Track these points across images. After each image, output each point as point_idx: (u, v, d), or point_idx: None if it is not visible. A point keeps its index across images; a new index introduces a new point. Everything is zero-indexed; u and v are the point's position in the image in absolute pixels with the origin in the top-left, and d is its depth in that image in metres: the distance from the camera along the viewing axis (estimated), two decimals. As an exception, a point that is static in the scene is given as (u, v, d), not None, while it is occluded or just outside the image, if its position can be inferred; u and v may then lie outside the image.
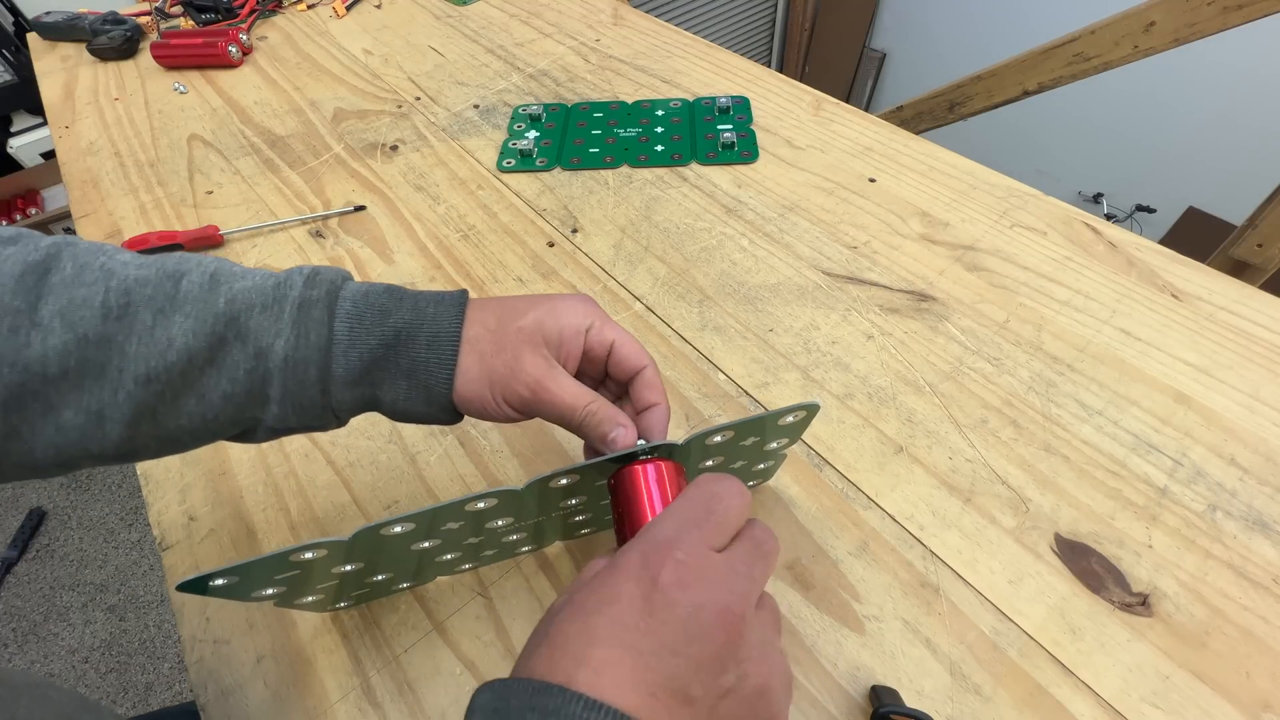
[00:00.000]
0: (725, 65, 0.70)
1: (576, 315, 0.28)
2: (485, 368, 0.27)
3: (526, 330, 0.27)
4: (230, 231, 0.56)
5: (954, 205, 0.52)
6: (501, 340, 0.27)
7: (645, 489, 0.26)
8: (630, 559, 0.20)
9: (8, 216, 1.75)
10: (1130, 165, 1.92)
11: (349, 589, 0.31)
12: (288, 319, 0.26)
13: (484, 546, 0.31)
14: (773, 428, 0.28)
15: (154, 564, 1.37)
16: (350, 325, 0.27)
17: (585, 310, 0.29)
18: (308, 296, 0.26)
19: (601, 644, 0.18)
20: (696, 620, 0.19)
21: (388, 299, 0.28)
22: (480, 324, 0.28)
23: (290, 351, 0.26)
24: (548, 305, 0.28)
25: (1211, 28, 0.85)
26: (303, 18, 0.88)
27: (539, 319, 0.28)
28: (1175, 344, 0.41)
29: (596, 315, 0.29)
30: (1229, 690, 0.29)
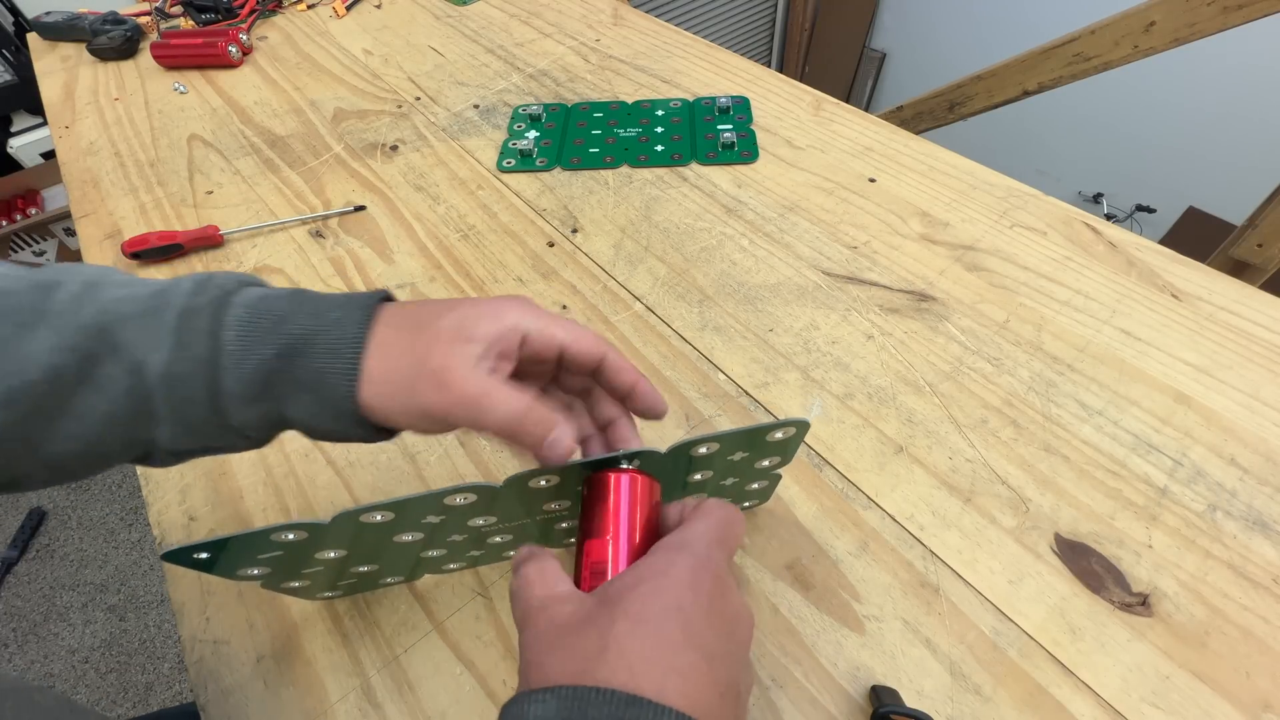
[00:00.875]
0: (725, 65, 0.70)
1: (510, 316, 0.25)
2: (396, 373, 0.24)
3: (446, 331, 0.24)
4: (230, 231, 0.56)
5: (954, 205, 0.52)
6: (416, 343, 0.24)
7: (616, 497, 0.25)
8: (680, 568, 0.21)
9: (8, 216, 1.75)
10: (1130, 165, 1.92)
11: (336, 577, 0.31)
12: (167, 329, 0.23)
13: (470, 546, 0.31)
14: (760, 443, 0.27)
15: (154, 564, 1.37)
16: (241, 334, 0.24)
17: (521, 311, 0.26)
18: (192, 304, 0.24)
19: (683, 650, 0.19)
20: (739, 625, 0.21)
21: (287, 304, 0.25)
22: (393, 327, 0.25)
23: (170, 366, 0.23)
24: (475, 306, 0.25)
25: (1211, 28, 0.85)
26: (303, 18, 0.88)
27: (462, 318, 0.24)
28: (1175, 344, 0.41)
29: (535, 315, 0.26)
30: (1229, 690, 0.29)
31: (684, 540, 0.22)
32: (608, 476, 0.25)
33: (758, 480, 0.32)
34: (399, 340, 0.24)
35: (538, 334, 0.26)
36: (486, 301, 0.26)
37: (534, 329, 0.26)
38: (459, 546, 0.31)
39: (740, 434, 0.26)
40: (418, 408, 0.24)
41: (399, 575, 0.33)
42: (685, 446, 0.26)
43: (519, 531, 0.31)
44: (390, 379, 0.24)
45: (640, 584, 0.20)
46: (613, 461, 0.25)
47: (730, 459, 0.28)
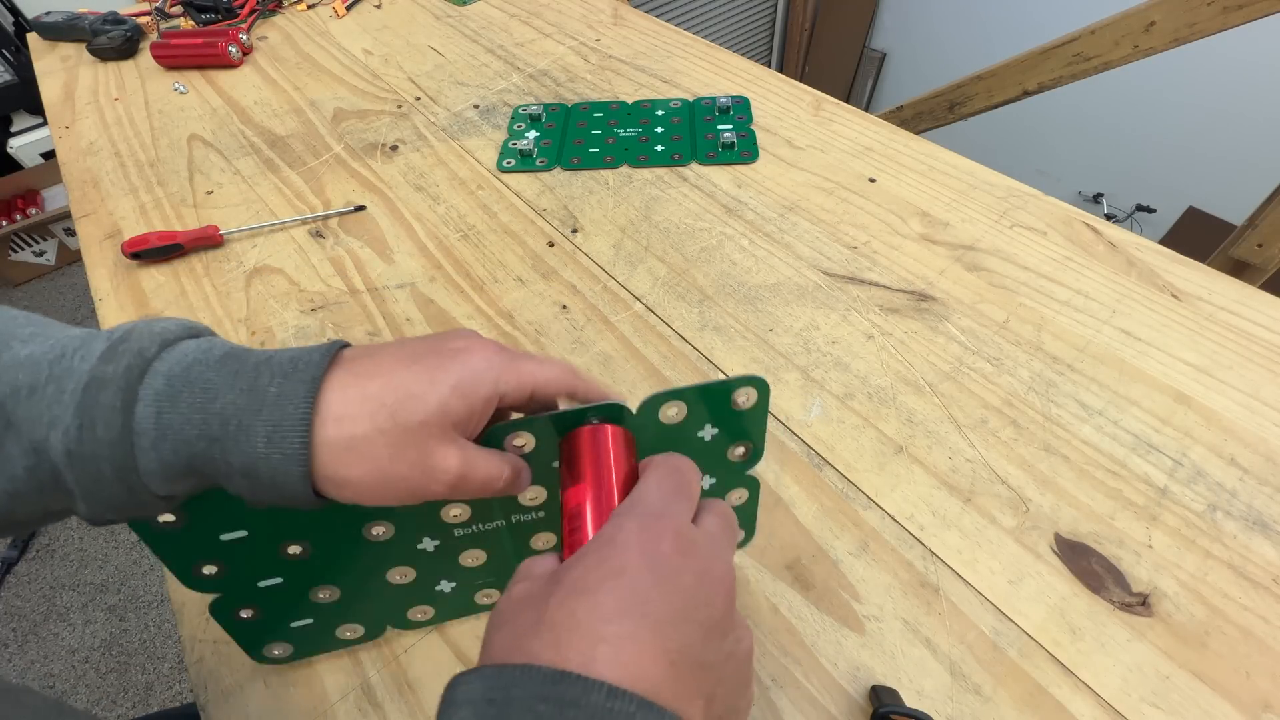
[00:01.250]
0: (725, 65, 0.70)
1: (486, 383, 0.23)
2: (379, 473, 0.22)
3: (432, 424, 0.22)
4: (230, 231, 0.56)
5: (954, 205, 0.52)
6: (404, 441, 0.22)
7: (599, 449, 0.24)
8: (627, 532, 0.19)
9: (8, 216, 1.75)
10: (1130, 165, 1.92)
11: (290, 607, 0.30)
12: (67, 404, 0.20)
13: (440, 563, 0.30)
14: (725, 410, 0.27)
15: (154, 564, 1.37)
16: (158, 411, 0.20)
17: (494, 371, 0.23)
18: (100, 374, 0.20)
19: (617, 618, 0.17)
20: (702, 586, 0.19)
21: (218, 373, 0.21)
22: (365, 415, 0.21)
23: (73, 446, 0.20)
24: (450, 380, 0.22)
25: (1211, 28, 0.85)
26: (303, 18, 0.88)
27: (444, 404, 0.22)
28: (1175, 344, 0.41)
29: (505, 369, 0.24)
30: (1229, 690, 0.29)
31: (633, 501, 0.21)
32: (578, 432, 0.25)
33: (736, 488, 0.31)
34: (378, 439, 0.21)
35: (514, 391, 0.24)
36: (457, 362, 0.23)
37: (510, 386, 0.24)
38: (428, 567, 0.29)
39: (700, 390, 0.26)
40: (387, 489, 0.22)
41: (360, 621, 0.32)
42: (654, 402, 0.25)
43: (493, 546, 0.30)
44: (373, 478, 0.22)
45: (585, 554, 0.19)
46: (581, 417, 0.25)
47: (701, 437, 0.27)
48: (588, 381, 0.26)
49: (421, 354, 0.23)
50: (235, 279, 0.53)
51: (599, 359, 0.44)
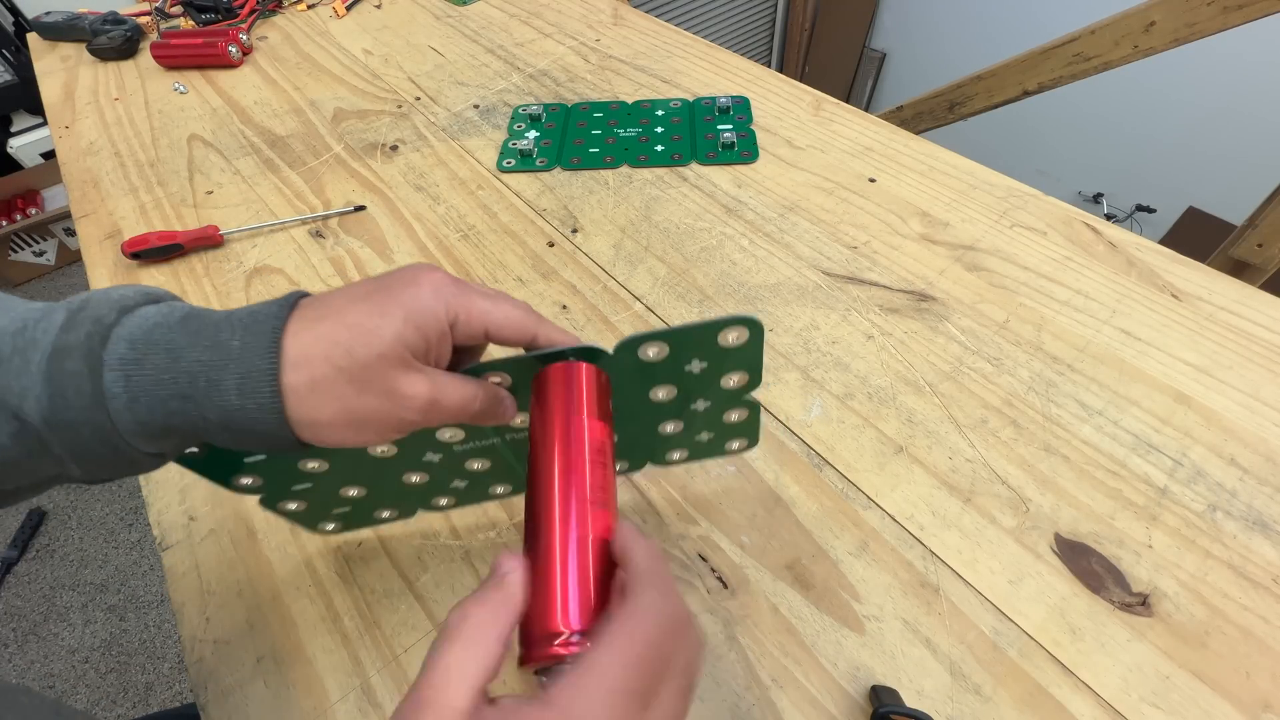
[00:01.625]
0: (725, 65, 0.70)
1: (436, 314, 0.23)
2: (348, 411, 0.22)
3: (391, 356, 0.22)
4: (230, 231, 0.56)
5: (954, 205, 0.52)
6: (364, 377, 0.22)
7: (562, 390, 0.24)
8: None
9: (8, 216, 1.75)
10: (1130, 165, 1.92)
11: (329, 502, 0.32)
12: (35, 375, 0.20)
13: (451, 473, 0.31)
14: (713, 347, 0.26)
15: (154, 564, 1.37)
16: (126, 375, 0.21)
17: (442, 299, 0.23)
18: (63, 343, 0.21)
19: None
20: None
21: (180, 333, 0.21)
22: (320, 356, 0.22)
23: (50, 414, 0.20)
24: (400, 312, 0.23)
25: (1211, 28, 0.85)
26: (303, 18, 0.88)
27: (399, 336, 0.22)
28: (1175, 344, 0.41)
29: (454, 297, 0.24)
30: (1229, 690, 0.29)
31: (569, 705, 0.18)
32: (549, 370, 0.25)
33: (734, 408, 0.31)
34: (337, 376, 0.22)
35: (464, 324, 0.24)
36: (405, 293, 0.23)
37: (460, 318, 0.24)
38: (439, 471, 0.31)
39: (687, 330, 0.25)
40: (387, 430, 0.23)
41: (392, 508, 0.34)
42: (632, 343, 0.25)
43: (494, 456, 0.31)
44: (342, 417, 0.22)
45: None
46: (560, 356, 0.25)
47: (689, 370, 0.27)
48: (548, 326, 0.26)
49: (372, 291, 0.23)
50: (235, 279, 0.53)
51: (599, 359, 0.44)
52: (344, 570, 0.36)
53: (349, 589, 0.35)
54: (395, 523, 0.36)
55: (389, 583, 0.35)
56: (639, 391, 0.28)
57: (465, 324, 0.24)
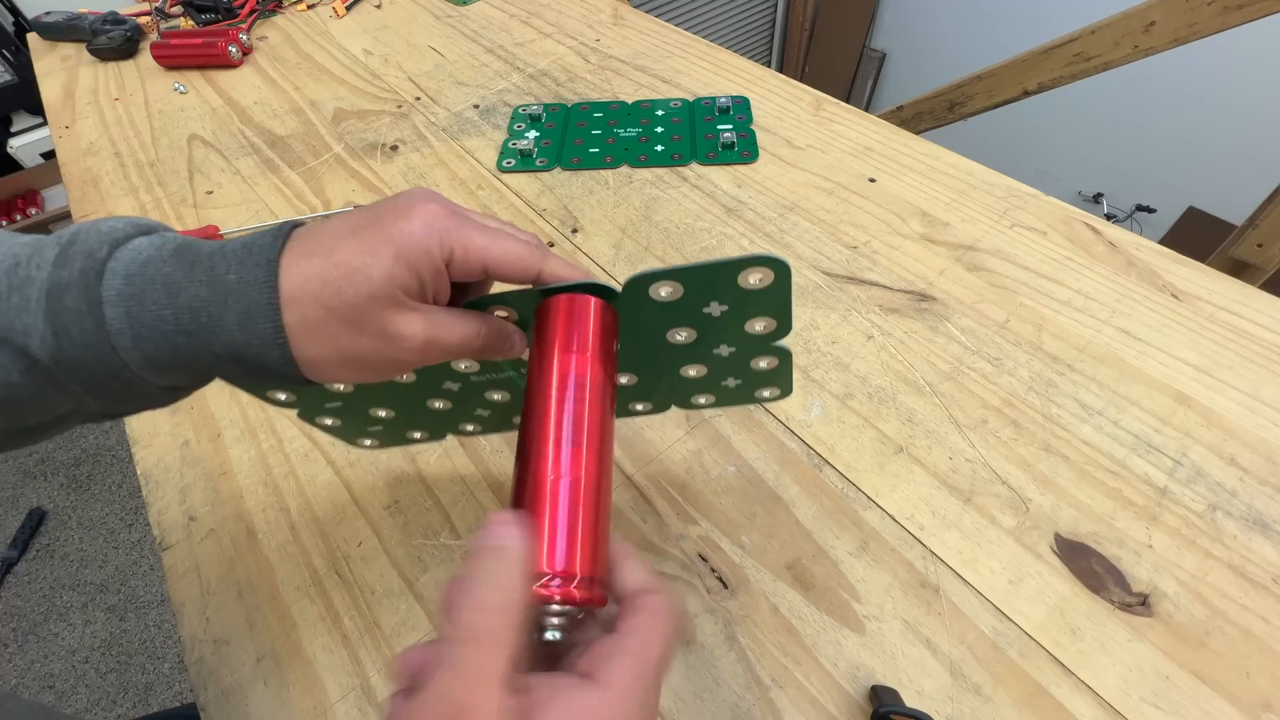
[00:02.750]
0: (725, 65, 0.70)
1: (429, 251, 0.22)
2: (342, 352, 0.22)
3: (382, 297, 0.21)
4: (230, 231, 0.56)
5: (954, 205, 0.52)
6: (356, 318, 0.21)
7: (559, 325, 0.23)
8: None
9: (8, 216, 1.75)
10: (1130, 165, 1.92)
11: (361, 420, 0.32)
12: (36, 310, 0.20)
13: (473, 401, 0.31)
14: (733, 288, 0.24)
15: (154, 564, 1.37)
16: (128, 310, 0.20)
17: (435, 234, 0.22)
18: (58, 279, 0.20)
19: None
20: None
21: (175, 267, 0.21)
22: (310, 296, 0.21)
23: (55, 351, 0.20)
24: (390, 250, 0.21)
25: (1211, 28, 0.85)
26: (303, 18, 0.88)
27: (389, 275, 0.21)
28: (1175, 344, 0.41)
29: (450, 232, 0.22)
30: (1229, 690, 0.29)
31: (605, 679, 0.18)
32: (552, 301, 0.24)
33: (763, 356, 0.28)
34: (330, 318, 0.21)
35: (459, 260, 0.23)
36: (395, 228, 0.22)
37: (455, 253, 0.22)
38: (461, 400, 0.31)
39: (702, 269, 0.23)
40: (385, 369, 0.23)
41: (422, 430, 0.35)
42: (642, 280, 0.24)
43: (512, 388, 0.31)
44: (338, 356, 0.22)
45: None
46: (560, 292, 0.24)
47: (708, 313, 0.25)
48: (556, 262, 0.24)
49: (362, 224, 0.22)
50: (235, 279, 0.53)
51: (599, 359, 0.44)
52: (344, 570, 0.36)
53: (349, 589, 0.35)
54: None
55: (389, 583, 0.35)
56: (656, 331, 0.26)
57: (462, 261, 0.23)
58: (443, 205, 0.23)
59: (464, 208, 0.24)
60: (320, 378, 0.23)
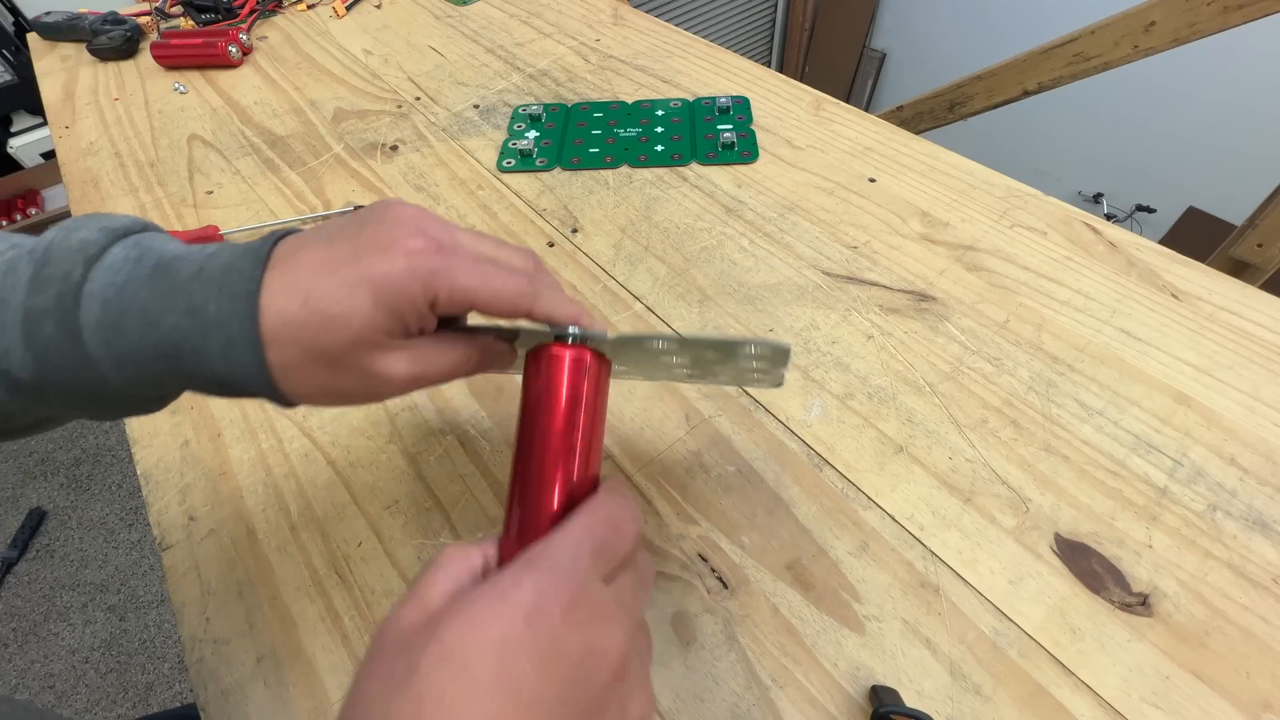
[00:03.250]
0: (725, 65, 0.70)
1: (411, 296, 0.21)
2: (326, 390, 0.22)
3: (363, 341, 0.21)
4: (230, 231, 0.56)
5: (954, 205, 0.52)
6: (337, 362, 0.21)
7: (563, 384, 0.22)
8: (523, 590, 0.18)
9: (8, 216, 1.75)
10: (1130, 165, 1.92)
11: None
12: (14, 334, 0.20)
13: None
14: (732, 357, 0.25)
15: (154, 564, 1.37)
16: (107, 340, 0.20)
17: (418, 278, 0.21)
18: (34, 305, 0.20)
19: (485, 697, 0.16)
20: (588, 664, 0.18)
21: (153, 293, 0.20)
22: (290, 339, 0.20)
23: (35, 374, 0.20)
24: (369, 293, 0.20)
25: (1211, 28, 0.85)
26: (303, 18, 0.88)
27: (369, 321, 0.21)
28: (1175, 344, 0.41)
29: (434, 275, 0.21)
30: (1229, 690, 0.29)
31: (543, 553, 0.19)
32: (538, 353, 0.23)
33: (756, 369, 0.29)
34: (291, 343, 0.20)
35: (445, 302, 0.22)
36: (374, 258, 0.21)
37: (440, 295, 0.21)
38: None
39: (702, 342, 0.23)
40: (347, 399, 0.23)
41: None
42: (636, 341, 0.23)
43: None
44: (299, 388, 0.21)
45: (475, 604, 0.17)
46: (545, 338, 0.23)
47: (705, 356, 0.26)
48: (548, 298, 0.23)
49: (341, 257, 0.21)
50: (235, 279, 0.53)
51: (599, 359, 0.44)
52: (344, 570, 0.36)
53: (349, 589, 0.35)
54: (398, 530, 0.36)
55: (389, 583, 0.35)
56: (650, 357, 0.26)
57: (447, 304, 0.22)
58: (428, 239, 0.22)
59: (452, 229, 0.23)
60: (309, 404, 0.23)
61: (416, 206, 0.23)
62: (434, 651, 0.16)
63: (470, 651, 0.16)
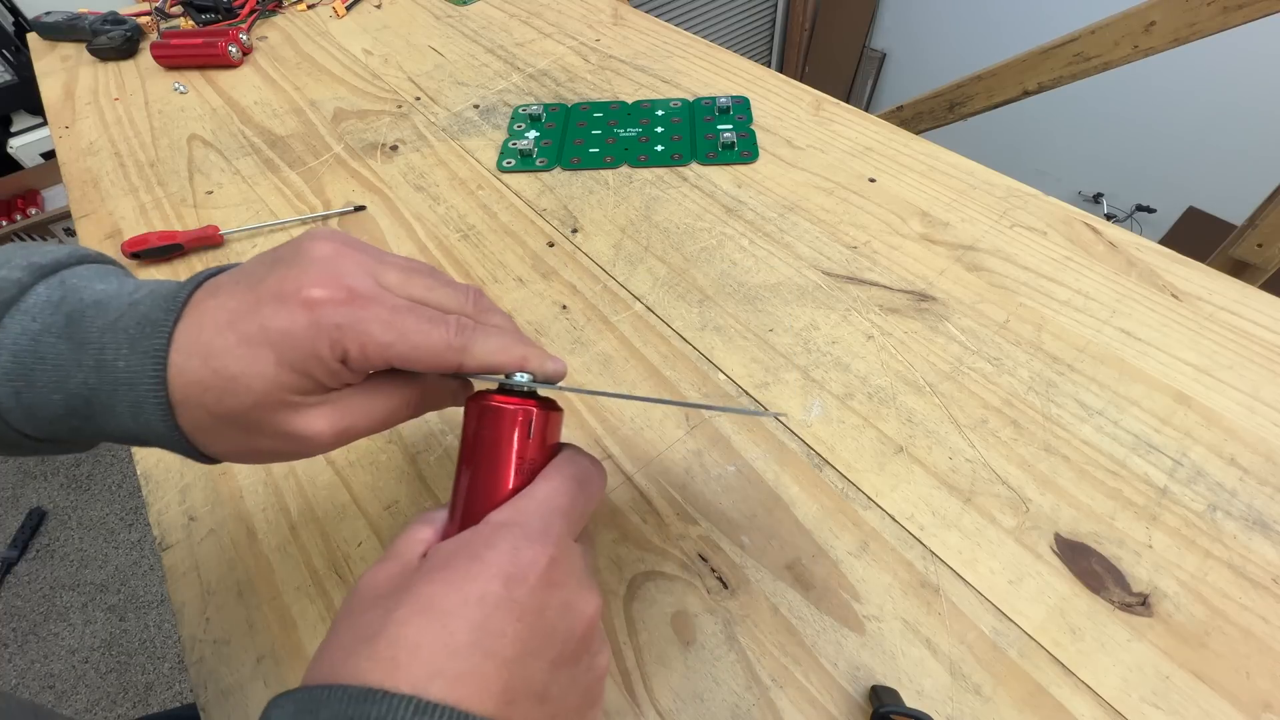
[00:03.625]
0: (725, 65, 0.70)
1: (317, 353, 0.19)
2: (246, 452, 0.21)
3: (270, 403, 0.19)
4: (230, 231, 0.56)
5: (954, 205, 0.52)
6: (247, 424, 0.20)
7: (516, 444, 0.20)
8: (498, 552, 0.18)
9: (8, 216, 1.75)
10: (1130, 165, 1.92)
11: None
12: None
13: None
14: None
15: (154, 564, 1.37)
16: (17, 391, 0.19)
17: (325, 334, 0.19)
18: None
19: (465, 653, 0.16)
20: (564, 620, 0.18)
21: (66, 346, 0.20)
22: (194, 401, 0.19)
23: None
24: (270, 354, 0.19)
25: (1211, 28, 0.85)
26: (303, 18, 0.88)
27: (274, 382, 0.19)
28: (1175, 344, 0.41)
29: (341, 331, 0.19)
30: (1229, 690, 0.29)
31: (515, 514, 0.19)
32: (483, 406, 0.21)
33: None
34: (196, 405, 0.19)
35: (359, 359, 0.20)
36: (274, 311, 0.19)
37: (350, 353, 0.20)
38: None
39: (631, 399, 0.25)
40: (274, 458, 0.22)
41: None
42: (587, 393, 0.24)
43: None
44: (215, 447, 0.21)
45: (449, 564, 0.17)
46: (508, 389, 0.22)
47: None
48: (483, 345, 0.21)
49: (242, 311, 0.19)
50: (235, 279, 0.53)
51: (599, 359, 0.44)
52: (344, 570, 0.36)
53: (349, 589, 0.35)
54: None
55: (389, 583, 0.35)
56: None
57: (359, 360, 0.20)
58: (338, 286, 0.20)
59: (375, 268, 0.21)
60: (234, 462, 0.22)
61: (338, 241, 0.21)
62: (409, 605, 0.16)
63: (448, 607, 0.16)
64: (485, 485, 0.20)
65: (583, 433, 0.40)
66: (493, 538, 0.18)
